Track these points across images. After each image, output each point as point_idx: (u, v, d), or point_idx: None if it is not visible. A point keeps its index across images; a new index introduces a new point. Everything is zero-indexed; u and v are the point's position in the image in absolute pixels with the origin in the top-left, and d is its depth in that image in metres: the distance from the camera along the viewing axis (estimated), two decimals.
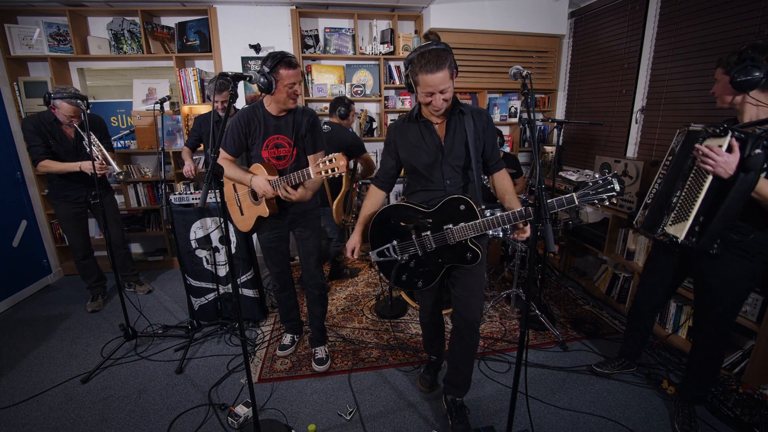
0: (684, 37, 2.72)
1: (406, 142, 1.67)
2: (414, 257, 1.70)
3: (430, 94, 1.48)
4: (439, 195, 1.63)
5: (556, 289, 3.28)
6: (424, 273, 1.70)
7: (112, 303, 3.08)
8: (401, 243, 1.69)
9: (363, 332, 2.65)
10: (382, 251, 1.73)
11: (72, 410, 1.98)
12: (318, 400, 2.04)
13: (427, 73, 1.42)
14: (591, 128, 3.64)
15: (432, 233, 1.62)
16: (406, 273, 1.72)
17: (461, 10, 3.50)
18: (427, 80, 1.44)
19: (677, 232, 1.59)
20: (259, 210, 2.02)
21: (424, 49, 1.45)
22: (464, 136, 1.59)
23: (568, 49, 3.95)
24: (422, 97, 1.51)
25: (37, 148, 2.59)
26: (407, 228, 1.67)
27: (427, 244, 1.64)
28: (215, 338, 2.58)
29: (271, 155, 1.96)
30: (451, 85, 1.47)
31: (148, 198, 3.66)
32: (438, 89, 1.45)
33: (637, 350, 2.15)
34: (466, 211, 1.56)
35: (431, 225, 1.62)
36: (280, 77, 1.77)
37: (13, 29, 3.22)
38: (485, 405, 2.00)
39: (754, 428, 1.76)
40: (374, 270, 3.68)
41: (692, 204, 1.55)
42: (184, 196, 2.53)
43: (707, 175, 1.50)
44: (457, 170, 1.63)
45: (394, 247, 1.70)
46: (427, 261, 1.68)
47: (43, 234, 3.49)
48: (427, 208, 1.63)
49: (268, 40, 3.52)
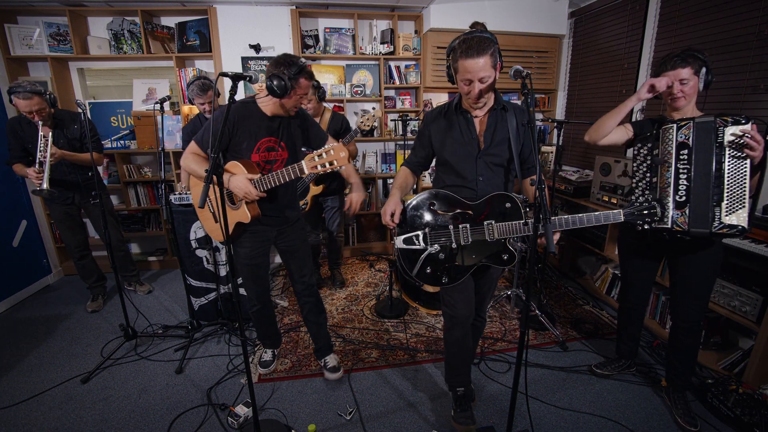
0: (684, 37, 2.72)
1: (441, 132, 1.61)
2: (445, 249, 1.58)
3: (468, 82, 1.42)
4: (469, 193, 1.58)
5: (556, 289, 3.28)
6: (451, 269, 1.60)
7: (112, 303, 3.08)
8: (434, 232, 1.58)
9: (363, 332, 2.65)
10: (410, 238, 1.59)
11: (72, 410, 1.98)
12: (318, 400, 2.04)
13: (467, 58, 1.37)
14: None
15: (471, 226, 1.54)
16: (432, 266, 1.60)
17: (461, 10, 3.50)
18: (467, 65, 1.38)
19: (740, 220, 1.56)
20: (237, 215, 1.77)
21: (468, 35, 1.40)
22: (506, 132, 1.53)
23: (568, 49, 3.95)
24: (461, 86, 1.46)
25: (12, 150, 2.59)
26: (445, 217, 1.57)
27: (463, 236, 1.55)
28: (215, 338, 2.58)
29: (261, 159, 1.78)
30: (493, 75, 1.42)
31: (148, 198, 3.66)
32: (477, 76, 1.39)
33: (634, 347, 2.17)
34: (511, 210, 1.50)
35: (470, 217, 1.55)
36: (299, 86, 1.71)
37: (13, 29, 3.22)
38: (485, 405, 2.00)
39: (754, 428, 1.76)
40: (374, 270, 3.68)
41: (743, 190, 1.56)
42: (184, 196, 2.53)
43: (744, 161, 1.54)
44: (491, 168, 1.56)
45: (426, 235, 1.58)
46: (459, 256, 1.58)
47: (43, 234, 3.48)
48: (470, 201, 1.56)
49: (268, 40, 3.52)
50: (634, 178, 1.83)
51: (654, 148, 1.74)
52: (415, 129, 3.86)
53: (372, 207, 3.99)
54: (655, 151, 1.73)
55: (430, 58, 3.64)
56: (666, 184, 1.68)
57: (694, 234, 1.61)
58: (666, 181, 1.68)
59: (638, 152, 1.82)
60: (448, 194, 1.58)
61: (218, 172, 1.33)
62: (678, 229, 1.64)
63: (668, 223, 1.65)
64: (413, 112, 3.85)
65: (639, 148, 1.81)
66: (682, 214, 1.63)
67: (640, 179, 1.80)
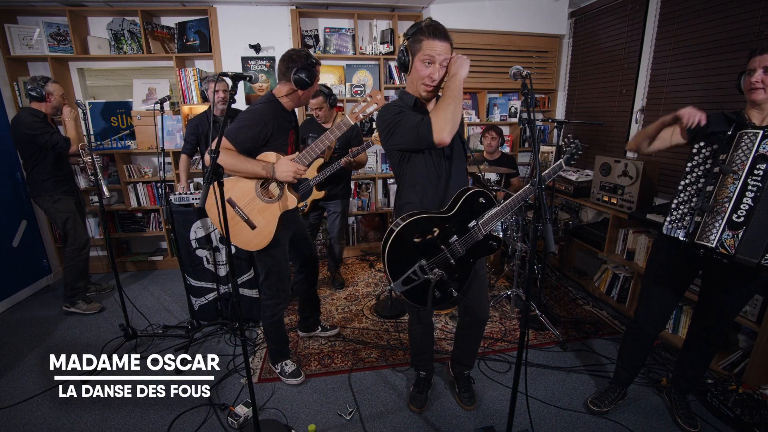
0: (684, 37, 2.72)
1: None
2: (447, 268, 1.55)
3: (429, 63, 1.41)
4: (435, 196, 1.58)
5: (556, 289, 3.28)
6: (456, 279, 1.59)
7: (112, 303, 3.08)
8: (430, 260, 1.52)
9: (363, 332, 2.65)
10: (408, 277, 1.51)
11: (72, 410, 1.98)
12: (318, 400, 2.04)
13: (435, 39, 1.38)
14: (591, 128, 3.64)
15: (458, 236, 1.52)
16: (439, 288, 1.57)
17: (461, 10, 3.50)
18: (433, 44, 1.38)
19: None
20: (282, 205, 1.81)
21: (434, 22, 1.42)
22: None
23: (568, 49, 3.95)
24: (418, 68, 1.43)
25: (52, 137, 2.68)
26: (432, 241, 1.51)
27: (457, 249, 1.54)
28: (215, 338, 2.58)
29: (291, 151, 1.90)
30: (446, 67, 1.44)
31: (148, 198, 3.66)
32: (440, 58, 1.40)
33: (633, 375, 1.96)
34: (486, 203, 1.53)
35: (454, 228, 1.52)
36: (317, 80, 1.83)
37: (13, 29, 3.22)
38: (485, 405, 2.00)
39: (754, 428, 1.75)
40: (374, 270, 3.68)
41: None
42: (184, 196, 2.53)
43: None
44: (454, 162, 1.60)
45: (422, 267, 1.52)
46: (458, 266, 1.57)
47: (43, 234, 3.48)
48: (447, 212, 1.52)
49: (268, 40, 3.52)
50: (683, 179, 1.57)
51: (721, 152, 1.47)
52: None
53: (372, 207, 3.99)
54: (722, 155, 1.47)
55: None
56: (726, 198, 1.43)
57: (739, 261, 1.40)
58: (726, 195, 1.43)
59: (698, 151, 1.54)
60: (421, 218, 1.50)
61: (218, 172, 1.33)
62: (723, 252, 1.42)
63: (713, 242, 1.43)
64: None
65: (702, 147, 1.54)
66: (734, 236, 1.40)
67: (691, 183, 1.55)
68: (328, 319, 2.79)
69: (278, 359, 2.17)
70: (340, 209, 3.09)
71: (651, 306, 1.80)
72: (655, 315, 1.80)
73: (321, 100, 2.76)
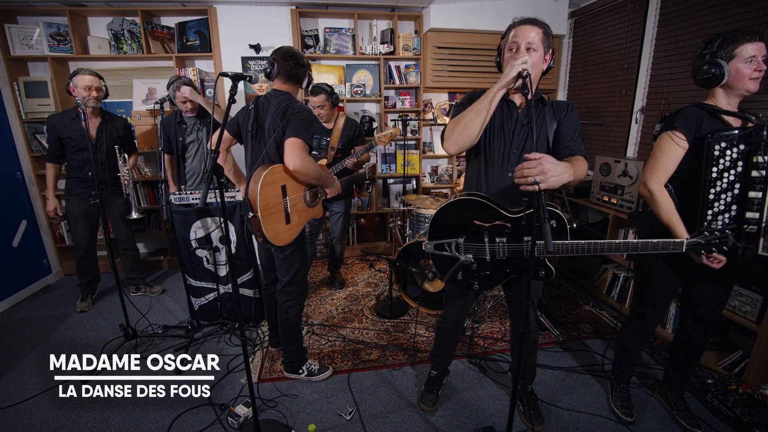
0: (684, 37, 2.72)
1: None
2: (479, 261, 1.50)
3: (513, 48, 1.36)
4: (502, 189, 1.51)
5: (556, 289, 3.28)
6: (484, 277, 1.53)
7: (113, 303, 3.08)
8: (468, 243, 1.47)
9: (363, 332, 2.65)
10: (441, 245, 1.49)
11: (72, 410, 1.98)
12: (318, 400, 2.04)
13: (520, 25, 1.35)
14: (591, 128, 3.64)
15: (508, 242, 1.43)
16: (464, 273, 1.53)
17: (461, 10, 3.49)
18: (518, 30, 1.34)
19: None
20: (313, 212, 1.93)
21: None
22: (544, 126, 1.48)
23: (568, 49, 3.95)
24: (507, 55, 1.40)
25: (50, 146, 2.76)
26: (481, 228, 1.45)
27: (499, 251, 1.45)
28: (215, 338, 2.58)
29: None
30: (540, 52, 1.37)
31: (148, 198, 3.66)
32: (525, 41, 1.34)
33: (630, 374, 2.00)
34: (556, 228, 1.37)
35: (509, 231, 1.43)
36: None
37: (13, 29, 3.22)
38: (485, 405, 2.00)
39: (754, 428, 1.76)
40: (374, 270, 3.68)
41: None
42: (184, 196, 2.52)
43: None
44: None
45: (458, 245, 1.48)
46: (492, 267, 1.50)
47: (43, 234, 3.48)
48: (511, 213, 1.42)
49: (268, 40, 3.52)
50: (713, 187, 1.42)
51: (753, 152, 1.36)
52: (415, 129, 3.87)
53: (372, 207, 3.99)
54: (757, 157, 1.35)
55: (430, 58, 3.64)
56: None
57: None
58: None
59: (721, 153, 1.40)
60: (485, 203, 1.44)
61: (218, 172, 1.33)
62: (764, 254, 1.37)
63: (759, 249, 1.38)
64: (413, 112, 3.85)
65: (723, 149, 1.40)
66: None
67: (724, 190, 1.42)
68: (329, 319, 2.79)
69: (302, 361, 2.16)
70: (343, 209, 3.09)
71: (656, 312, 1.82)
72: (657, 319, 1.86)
73: (323, 98, 2.75)
